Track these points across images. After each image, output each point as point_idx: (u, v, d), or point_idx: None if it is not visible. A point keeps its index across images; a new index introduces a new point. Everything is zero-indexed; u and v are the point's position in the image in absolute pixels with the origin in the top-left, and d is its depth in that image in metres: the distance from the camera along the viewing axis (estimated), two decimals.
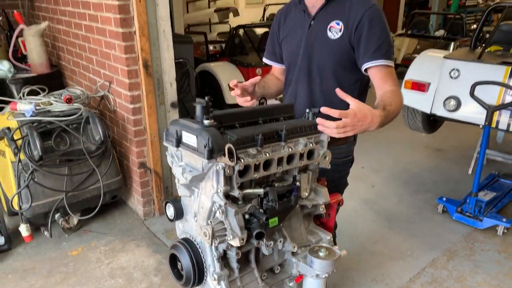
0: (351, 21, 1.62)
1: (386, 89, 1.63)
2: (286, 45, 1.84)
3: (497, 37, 3.85)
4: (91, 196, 3.03)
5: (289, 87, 1.86)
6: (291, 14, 1.82)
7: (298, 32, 1.76)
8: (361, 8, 1.61)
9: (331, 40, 1.66)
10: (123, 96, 3.06)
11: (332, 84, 1.71)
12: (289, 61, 1.84)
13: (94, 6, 3.04)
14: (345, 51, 1.66)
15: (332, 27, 1.66)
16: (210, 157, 1.18)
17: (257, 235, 1.25)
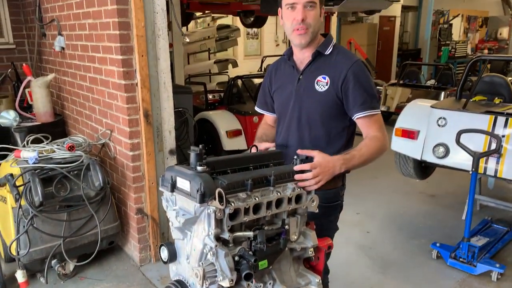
0: (336, 75, 1.78)
1: (370, 134, 1.79)
2: (278, 97, 1.99)
3: (480, 87, 4.04)
4: (89, 242, 3.07)
5: (281, 135, 1.99)
6: (281, 69, 1.98)
7: (288, 85, 1.92)
8: (346, 63, 1.78)
9: (318, 93, 1.82)
10: (123, 143, 3.18)
11: (320, 131, 1.86)
12: (280, 110, 1.99)
13: (99, 60, 3.24)
14: (332, 102, 1.81)
15: (319, 81, 1.82)
16: (202, 201, 1.27)
17: (246, 276, 1.31)
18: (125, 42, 2.94)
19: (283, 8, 1.78)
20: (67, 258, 2.94)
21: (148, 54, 3.05)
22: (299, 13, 1.70)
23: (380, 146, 1.78)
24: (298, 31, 1.74)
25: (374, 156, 1.75)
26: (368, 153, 1.73)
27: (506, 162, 3.25)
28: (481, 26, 14.88)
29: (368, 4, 5.15)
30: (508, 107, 3.59)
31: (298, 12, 1.71)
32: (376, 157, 1.76)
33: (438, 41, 13.20)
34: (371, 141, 1.76)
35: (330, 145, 1.85)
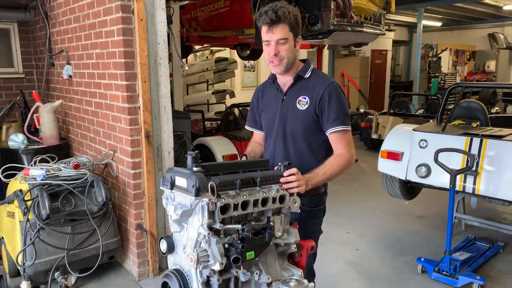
0: (315, 95, 2.07)
1: (335, 152, 2.07)
2: (264, 116, 2.26)
3: (458, 112, 4.32)
4: (90, 255, 3.24)
5: (268, 149, 2.24)
6: (267, 91, 2.27)
7: (273, 105, 2.20)
8: (322, 85, 2.07)
9: (300, 111, 2.09)
10: (125, 162, 3.41)
11: (303, 145, 2.13)
12: (267, 128, 2.25)
13: (105, 86, 3.52)
14: (312, 119, 2.08)
15: (300, 100, 2.10)
16: (197, 194, 1.50)
17: (234, 260, 1.52)
18: (129, 69, 3.23)
19: (262, 43, 2.05)
20: (70, 270, 3.10)
21: (150, 80, 3.33)
22: (272, 49, 1.98)
23: (344, 163, 2.03)
24: (273, 63, 2.03)
25: (337, 172, 2.02)
26: (332, 170, 2.00)
27: (482, 180, 3.48)
28: (469, 59, 15.45)
29: (354, 37, 5.52)
30: (484, 130, 3.86)
31: (271, 48, 1.98)
32: (340, 172, 2.03)
33: (428, 73, 13.71)
34: (335, 160, 2.03)
35: (313, 156, 2.12)
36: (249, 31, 5.59)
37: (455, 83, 4.52)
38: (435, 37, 15.78)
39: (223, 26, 5.97)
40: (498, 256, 3.92)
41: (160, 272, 3.56)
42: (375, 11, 5.53)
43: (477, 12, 13.27)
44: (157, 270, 3.55)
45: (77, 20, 3.81)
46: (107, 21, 3.31)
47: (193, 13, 6.43)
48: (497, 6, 12.42)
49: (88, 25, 3.63)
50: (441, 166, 3.35)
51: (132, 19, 3.17)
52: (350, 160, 2.05)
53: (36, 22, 4.78)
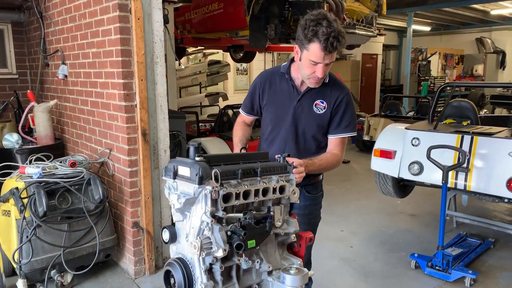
0: (332, 101, 2.16)
1: (333, 151, 2.20)
2: (273, 109, 2.25)
3: (449, 112, 4.42)
4: (87, 253, 3.24)
5: (274, 144, 2.26)
6: (276, 83, 2.23)
7: (286, 102, 2.20)
8: (341, 93, 2.18)
9: (317, 114, 2.17)
10: (122, 161, 3.43)
11: (312, 144, 2.23)
12: (274, 122, 2.25)
13: (101, 85, 3.54)
14: (326, 122, 2.19)
15: (317, 104, 2.17)
16: (200, 182, 1.53)
17: (237, 246, 1.55)
18: (126, 68, 3.25)
19: (304, 58, 1.97)
20: (66, 268, 3.10)
21: (147, 79, 3.36)
22: (319, 71, 1.97)
23: (336, 162, 2.20)
24: (314, 81, 2.06)
25: (329, 167, 2.17)
26: (326, 164, 2.13)
27: (473, 176, 3.56)
28: (457, 63, 15.71)
29: (347, 39, 5.58)
30: (474, 128, 3.95)
31: (319, 70, 1.97)
32: (330, 169, 2.19)
33: (418, 77, 13.91)
34: (331, 157, 2.17)
35: (317, 154, 2.19)
36: (242, 32, 5.64)
37: (445, 83, 4.62)
38: (424, 42, 16.02)
39: (217, 28, 6.01)
40: (489, 252, 4.00)
41: (156, 271, 3.57)
42: (367, 13, 5.63)
43: (465, 17, 13.52)
44: (154, 268, 3.56)
45: (73, 19, 3.83)
46: (104, 20, 3.34)
47: (187, 15, 6.47)
48: (485, 11, 12.68)
49: (84, 25, 3.65)
50: (434, 162, 3.42)
51: (130, 18, 3.20)
52: (340, 161, 2.22)
53: (30, 23, 4.78)
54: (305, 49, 1.95)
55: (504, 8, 12.12)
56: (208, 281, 1.60)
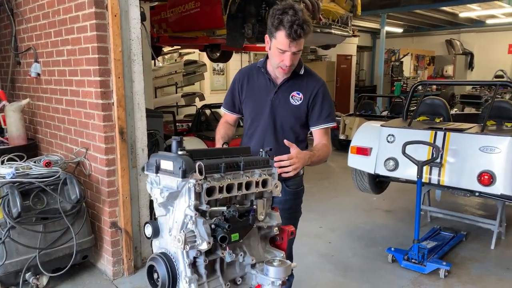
0: (308, 92, 2.21)
1: (321, 142, 2.26)
2: (251, 103, 2.30)
3: (423, 109, 4.55)
4: (63, 255, 3.17)
5: (254, 137, 2.30)
6: (254, 78, 2.29)
7: (263, 95, 2.26)
8: (316, 84, 2.23)
9: (293, 105, 2.22)
10: (99, 160, 3.37)
11: (291, 135, 2.26)
12: (253, 116, 2.30)
13: (77, 83, 3.47)
14: (303, 114, 2.24)
15: (293, 95, 2.22)
16: (184, 176, 1.53)
17: (221, 239, 1.56)
18: (103, 65, 3.20)
19: (273, 47, 2.05)
20: (42, 270, 3.02)
21: (124, 76, 3.31)
22: (287, 59, 2.04)
23: (328, 153, 2.26)
24: (283, 70, 2.11)
25: (323, 159, 2.22)
26: (321, 155, 2.19)
27: (446, 171, 3.68)
28: (428, 64, 16.17)
29: (323, 39, 5.69)
30: (447, 124, 4.08)
31: (287, 58, 2.04)
32: (324, 160, 2.23)
33: (391, 77, 14.24)
34: (324, 147, 2.23)
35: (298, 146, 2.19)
36: (220, 32, 5.64)
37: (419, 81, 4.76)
38: (397, 43, 16.41)
39: (194, 27, 5.98)
40: (462, 244, 4.14)
41: (135, 271, 3.53)
42: (342, 14, 5.73)
43: (435, 19, 13.94)
44: (133, 268, 3.51)
45: (46, 16, 3.74)
46: (79, 17, 3.27)
47: (162, 14, 6.41)
48: (454, 13, 13.11)
49: (58, 21, 3.57)
50: (409, 158, 3.51)
51: (106, 15, 3.16)
52: (330, 151, 2.27)
53: (0, 20, 4.63)
54: (273, 38, 2.04)
55: (472, 10, 12.57)
56: (192, 274, 1.59)
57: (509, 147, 3.46)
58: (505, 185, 3.44)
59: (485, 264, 3.73)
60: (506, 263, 3.76)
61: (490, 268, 3.66)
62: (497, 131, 3.76)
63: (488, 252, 3.99)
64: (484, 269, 3.64)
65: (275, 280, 1.71)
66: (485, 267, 3.67)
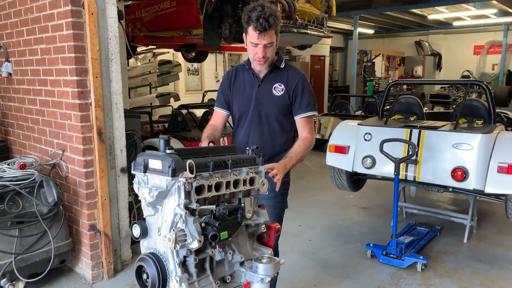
0: (289, 84, 2.34)
1: (301, 136, 2.36)
2: (238, 98, 2.42)
3: (398, 108, 4.68)
4: (40, 259, 3.07)
5: (242, 130, 2.43)
6: (240, 75, 2.43)
7: (249, 89, 2.39)
8: (296, 76, 2.37)
9: (275, 96, 2.35)
10: (77, 161, 3.29)
11: (276, 125, 2.39)
12: (241, 110, 2.42)
13: (52, 82, 3.38)
14: (285, 104, 2.36)
15: (276, 87, 2.36)
16: (173, 175, 1.52)
17: (212, 237, 1.55)
18: (80, 64, 3.13)
19: (247, 42, 2.22)
20: (18, 276, 2.92)
21: (102, 76, 3.25)
22: (260, 51, 2.19)
23: (309, 145, 2.34)
24: (259, 62, 2.26)
25: (305, 153, 2.30)
26: (301, 152, 2.28)
27: (422, 168, 3.79)
28: (399, 64, 16.59)
29: (300, 39, 5.75)
30: (421, 123, 4.21)
31: (259, 50, 2.19)
32: (306, 153, 2.32)
33: (363, 78, 14.53)
34: (302, 143, 2.32)
35: (284, 135, 2.40)
36: (196, 31, 5.61)
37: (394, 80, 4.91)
38: (369, 44, 16.76)
39: (169, 27, 5.92)
40: (436, 238, 4.28)
41: (115, 274, 3.46)
42: (318, 14, 5.80)
43: (405, 20, 14.32)
44: (112, 272, 3.44)
45: (18, 14, 3.62)
46: (54, 15, 3.19)
47: (137, 14, 6.31)
48: (422, 15, 13.50)
49: (31, 19, 3.46)
50: (386, 155, 3.60)
51: (83, 13, 3.09)
52: (312, 142, 2.36)
53: None
54: (246, 34, 2.22)
55: (440, 13, 12.99)
56: (183, 273, 1.58)
57: (480, 144, 3.60)
58: (477, 180, 3.57)
59: (459, 257, 3.87)
60: (478, 255, 3.91)
61: (464, 261, 3.80)
62: (469, 129, 3.90)
63: (462, 245, 4.14)
64: (459, 262, 3.77)
65: (264, 277, 1.72)
66: (459, 260, 3.81)
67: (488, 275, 3.53)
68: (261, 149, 2.13)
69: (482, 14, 13.12)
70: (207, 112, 6.57)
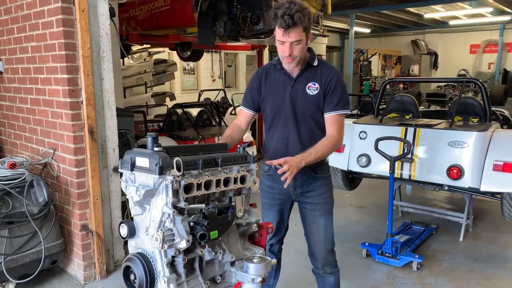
0: (323, 81, 2.26)
1: (327, 134, 2.26)
2: (271, 99, 2.35)
3: (393, 106, 4.65)
4: (31, 260, 3.03)
5: (277, 132, 2.35)
6: (271, 76, 2.35)
7: (282, 90, 2.31)
8: (330, 73, 2.27)
9: (310, 96, 2.27)
10: (68, 160, 3.24)
11: (313, 124, 2.31)
12: (275, 111, 2.35)
13: (43, 81, 3.33)
14: (320, 102, 2.27)
15: (310, 86, 2.27)
16: (160, 173, 1.48)
17: (200, 236, 1.52)
18: (71, 62, 3.09)
19: (276, 41, 2.15)
20: (8, 277, 2.88)
21: (93, 74, 3.21)
22: (287, 50, 2.11)
23: (334, 144, 2.23)
24: (286, 60, 2.17)
25: (328, 152, 2.22)
26: (323, 150, 2.18)
27: (417, 166, 3.77)
28: (395, 63, 16.60)
29: None
30: (417, 121, 4.18)
31: (286, 48, 2.11)
32: (330, 152, 2.24)
33: (360, 77, 14.52)
34: (326, 141, 2.22)
35: (321, 132, 2.28)
36: (191, 29, 5.57)
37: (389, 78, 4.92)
38: (365, 43, 16.76)
39: (164, 25, 5.88)
40: (432, 237, 4.25)
41: (108, 275, 3.42)
42: (313, 13, 5.76)
43: (402, 20, 14.32)
44: (105, 272, 3.40)
45: (8, 11, 3.57)
46: (44, 12, 3.14)
47: (131, 12, 6.26)
48: (419, 14, 13.50)
49: (22, 17, 3.41)
50: (381, 153, 3.57)
51: (73, 10, 3.05)
52: (338, 142, 2.25)
53: None
54: (274, 31, 2.13)
55: (435, 12, 12.99)
56: (171, 274, 1.55)
57: (475, 142, 3.58)
58: (473, 179, 3.55)
59: (454, 256, 3.85)
60: (474, 254, 3.89)
61: (460, 260, 3.77)
62: (464, 126, 3.88)
63: (457, 244, 4.12)
64: (454, 261, 3.75)
65: (255, 277, 1.69)
66: (455, 259, 3.78)
67: (484, 274, 3.51)
68: (301, 149, 2.16)
69: (478, 13, 13.14)
70: (203, 111, 6.53)
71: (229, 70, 14.01)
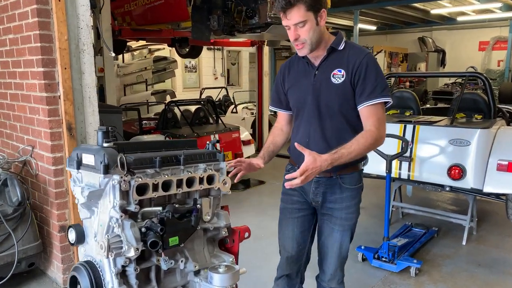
0: (350, 67, 1.89)
1: (364, 129, 1.88)
2: (293, 93, 2.07)
3: (393, 102, 4.42)
4: (5, 263, 2.88)
5: (299, 129, 2.06)
6: (294, 67, 2.08)
7: (304, 81, 2.01)
8: (359, 56, 1.89)
9: (335, 85, 1.92)
10: (45, 158, 3.09)
11: (341, 120, 1.94)
12: (298, 106, 2.06)
13: (20, 75, 3.18)
14: (348, 92, 1.91)
15: (335, 74, 1.92)
16: (105, 172, 1.31)
17: (152, 244, 1.34)
18: (47, 55, 2.93)
19: None
20: None
21: (72, 67, 3.04)
22: (292, 33, 1.85)
23: (372, 141, 1.84)
24: (297, 46, 1.89)
25: (364, 150, 1.85)
26: (358, 148, 1.79)
27: (416, 166, 3.56)
28: (402, 61, 16.27)
29: None
30: (416, 118, 3.97)
31: (292, 33, 1.85)
32: (367, 151, 1.88)
33: None
34: (362, 137, 1.82)
35: (353, 132, 1.90)
36: (185, 24, 5.40)
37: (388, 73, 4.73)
38: (371, 41, 16.45)
39: (158, 20, 5.73)
40: (433, 240, 4.04)
41: None
42: None
43: (408, 16, 14.01)
44: None
45: None
46: (20, 2, 2.99)
47: (126, 7, 6.12)
48: (425, 10, 13.19)
49: None
50: (377, 152, 3.37)
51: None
52: (378, 138, 1.86)
53: None
54: None
55: (442, 7, 12.67)
56: (121, 286, 1.38)
57: (478, 140, 3.36)
58: (475, 179, 3.34)
59: (456, 261, 3.63)
60: (477, 259, 3.67)
61: (462, 265, 3.56)
62: (467, 124, 3.67)
63: (460, 248, 3.90)
64: (456, 266, 3.53)
65: None
66: (456, 264, 3.57)
67: (486, 280, 3.29)
68: (325, 151, 1.76)
69: (486, 8, 12.79)
70: (199, 109, 6.36)
71: (232, 68, 13.85)
